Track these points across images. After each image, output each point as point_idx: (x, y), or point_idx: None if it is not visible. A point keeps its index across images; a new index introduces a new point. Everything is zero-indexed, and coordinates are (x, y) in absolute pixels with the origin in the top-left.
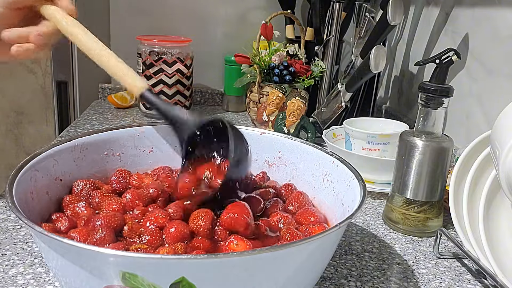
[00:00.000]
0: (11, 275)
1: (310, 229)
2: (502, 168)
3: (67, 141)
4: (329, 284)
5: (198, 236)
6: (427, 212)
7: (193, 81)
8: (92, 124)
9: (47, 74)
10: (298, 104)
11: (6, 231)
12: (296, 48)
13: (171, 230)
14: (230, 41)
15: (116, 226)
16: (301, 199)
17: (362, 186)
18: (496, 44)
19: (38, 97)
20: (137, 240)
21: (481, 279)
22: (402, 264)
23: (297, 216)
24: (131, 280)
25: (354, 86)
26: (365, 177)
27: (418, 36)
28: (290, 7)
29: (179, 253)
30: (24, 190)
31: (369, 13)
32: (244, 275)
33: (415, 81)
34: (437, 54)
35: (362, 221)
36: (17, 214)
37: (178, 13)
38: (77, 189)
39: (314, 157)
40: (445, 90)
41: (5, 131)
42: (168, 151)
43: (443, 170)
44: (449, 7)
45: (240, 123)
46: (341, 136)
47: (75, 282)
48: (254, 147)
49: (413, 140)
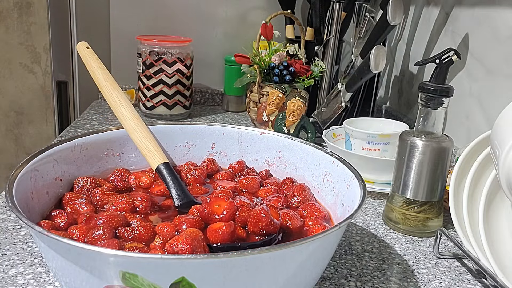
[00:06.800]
0: (11, 275)
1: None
2: (502, 168)
3: (67, 141)
4: (329, 284)
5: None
6: (427, 212)
7: (193, 81)
8: (92, 124)
9: (47, 74)
10: (298, 104)
11: (6, 231)
12: (296, 48)
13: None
14: (230, 41)
15: (117, 226)
16: (304, 193)
17: (362, 186)
18: (496, 44)
19: (38, 97)
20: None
21: (481, 279)
22: (402, 264)
23: (300, 210)
24: (131, 280)
25: (354, 86)
26: (365, 177)
27: (418, 36)
28: (290, 7)
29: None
30: (24, 190)
31: (369, 13)
32: (244, 275)
33: (415, 81)
34: (437, 54)
35: (362, 221)
36: (17, 214)
37: (178, 13)
38: (78, 186)
39: (314, 157)
40: (445, 90)
41: (5, 131)
42: (168, 151)
43: (443, 170)
44: (449, 7)
45: (240, 123)
46: (341, 136)
47: (75, 282)
48: (254, 147)
49: (413, 140)
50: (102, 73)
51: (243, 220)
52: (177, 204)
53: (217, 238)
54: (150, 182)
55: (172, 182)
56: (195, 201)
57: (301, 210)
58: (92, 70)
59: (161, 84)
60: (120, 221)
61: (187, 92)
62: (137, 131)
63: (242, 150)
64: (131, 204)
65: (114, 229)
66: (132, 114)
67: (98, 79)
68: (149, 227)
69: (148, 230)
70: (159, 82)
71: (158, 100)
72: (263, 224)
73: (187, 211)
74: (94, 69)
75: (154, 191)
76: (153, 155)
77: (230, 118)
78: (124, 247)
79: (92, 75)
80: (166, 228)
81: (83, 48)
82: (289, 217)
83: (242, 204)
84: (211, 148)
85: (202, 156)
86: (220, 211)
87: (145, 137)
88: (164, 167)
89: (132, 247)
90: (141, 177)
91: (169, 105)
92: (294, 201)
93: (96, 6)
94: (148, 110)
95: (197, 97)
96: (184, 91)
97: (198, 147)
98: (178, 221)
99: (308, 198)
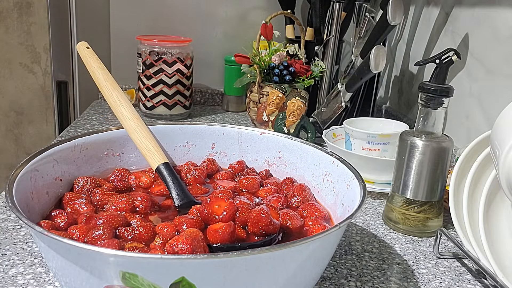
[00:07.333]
0: (11, 275)
1: (311, 228)
2: (502, 168)
3: (67, 141)
4: (329, 284)
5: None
6: (427, 212)
7: (193, 81)
8: (92, 124)
9: (47, 74)
10: (298, 104)
11: (6, 231)
12: (296, 48)
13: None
14: (230, 41)
15: (117, 226)
16: (304, 193)
17: (362, 186)
18: (496, 44)
19: (38, 97)
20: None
21: (481, 279)
22: (402, 264)
23: (300, 210)
24: (131, 280)
25: (354, 86)
26: (365, 177)
27: (418, 36)
28: (290, 7)
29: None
30: (24, 190)
31: (369, 13)
32: (244, 275)
33: (415, 81)
34: (437, 54)
35: (362, 221)
36: (17, 214)
37: (178, 13)
38: (78, 186)
39: (314, 157)
40: (445, 90)
41: (5, 131)
42: (168, 151)
43: (443, 170)
44: (449, 7)
45: (240, 123)
46: (341, 136)
47: (75, 282)
48: (254, 147)
49: (413, 140)
50: (102, 73)
51: (243, 220)
52: (177, 204)
53: (217, 239)
54: (150, 182)
55: (172, 182)
56: (195, 201)
57: (301, 210)
58: (92, 70)
59: (161, 84)
60: (120, 221)
61: (187, 92)
62: (137, 131)
63: (242, 150)
64: (131, 204)
65: (114, 229)
66: (132, 114)
67: (98, 79)
68: (149, 227)
69: (148, 230)
70: (159, 82)
71: (158, 100)
72: (263, 224)
73: (187, 211)
74: (94, 69)
75: (154, 191)
76: (153, 155)
77: (230, 118)
78: (124, 247)
79: (92, 75)
80: (166, 228)
81: (83, 48)
82: (289, 217)
83: (242, 204)
84: (211, 148)
85: (202, 156)
86: (220, 212)
87: (145, 137)
88: (164, 167)
89: (132, 247)
90: (141, 177)
91: (169, 105)
92: (294, 201)
93: (96, 6)
94: (148, 110)
95: (197, 97)
96: (184, 91)
97: (198, 147)
98: (178, 221)
99: (308, 198)
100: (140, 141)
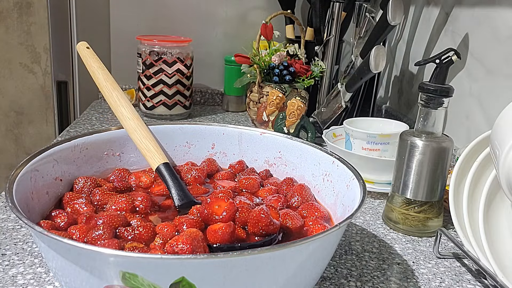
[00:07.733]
0: (11, 275)
1: (311, 228)
2: (502, 168)
3: (67, 141)
4: (329, 284)
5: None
6: (427, 212)
7: (193, 81)
8: (92, 124)
9: (47, 74)
10: (298, 104)
11: (6, 231)
12: (296, 48)
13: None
14: (230, 41)
15: (117, 226)
16: (304, 193)
17: (362, 186)
18: (496, 44)
19: (38, 97)
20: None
21: (481, 279)
22: (402, 264)
23: (300, 210)
24: (131, 280)
25: (354, 86)
26: (365, 177)
27: (418, 36)
28: (290, 7)
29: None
30: (24, 190)
31: (369, 13)
32: (244, 275)
33: (415, 81)
34: (437, 54)
35: (362, 221)
36: (17, 214)
37: (178, 13)
38: (78, 186)
39: (314, 157)
40: (445, 90)
41: (5, 131)
42: (168, 151)
43: (443, 170)
44: (449, 7)
45: (240, 123)
46: (341, 136)
47: (75, 282)
48: (254, 147)
49: (413, 140)
50: (102, 73)
51: (243, 220)
52: (177, 204)
53: (216, 239)
54: (150, 182)
55: (172, 182)
56: (195, 201)
57: (301, 210)
58: (92, 70)
59: (161, 84)
60: (120, 221)
61: (187, 92)
62: (137, 131)
63: (242, 150)
64: (131, 204)
65: (114, 229)
66: (132, 114)
67: (98, 79)
68: (149, 227)
69: (148, 230)
70: (159, 82)
71: (158, 100)
72: (263, 224)
73: (187, 211)
74: (94, 69)
75: (154, 191)
76: (153, 155)
77: (230, 118)
78: (124, 247)
79: (92, 75)
80: (166, 228)
81: (83, 48)
82: (289, 217)
83: (242, 204)
84: (211, 148)
85: (202, 156)
86: (220, 212)
87: (145, 137)
88: (164, 167)
89: (132, 247)
90: (141, 177)
91: (169, 105)
92: (294, 201)
93: (96, 6)
94: (148, 110)
95: (197, 97)
96: (184, 91)
97: (198, 147)
98: (178, 222)
99: (308, 198)
100: (140, 141)
